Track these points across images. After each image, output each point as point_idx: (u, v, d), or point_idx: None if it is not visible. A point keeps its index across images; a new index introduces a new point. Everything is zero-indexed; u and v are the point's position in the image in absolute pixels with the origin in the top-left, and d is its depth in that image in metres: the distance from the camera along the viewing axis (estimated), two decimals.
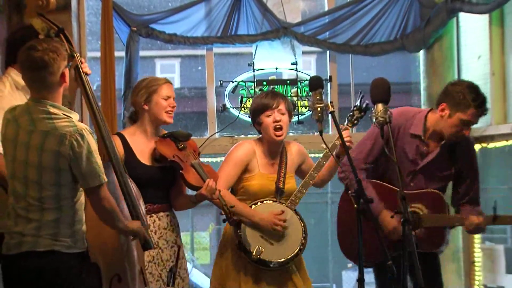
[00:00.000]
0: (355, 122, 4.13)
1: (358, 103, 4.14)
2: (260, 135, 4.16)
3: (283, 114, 4.05)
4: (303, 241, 4.03)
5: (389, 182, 4.03)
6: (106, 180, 3.14)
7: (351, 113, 4.14)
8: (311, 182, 4.06)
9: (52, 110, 3.11)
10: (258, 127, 4.13)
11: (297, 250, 4.01)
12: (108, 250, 3.38)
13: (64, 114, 3.13)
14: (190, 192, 3.95)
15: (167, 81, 4.00)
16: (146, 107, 3.92)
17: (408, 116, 4.04)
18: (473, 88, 3.92)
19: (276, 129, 4.03)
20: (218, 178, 3.89)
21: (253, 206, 4.04)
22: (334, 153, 3.99)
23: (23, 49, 3.15)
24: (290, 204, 4.06)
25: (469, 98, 3.86)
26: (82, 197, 3.19)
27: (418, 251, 3.23)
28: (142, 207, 3.59)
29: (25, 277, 3.10)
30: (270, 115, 4.03)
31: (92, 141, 3.12)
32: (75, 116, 3.17)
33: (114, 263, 3.39)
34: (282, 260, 3.97)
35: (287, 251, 3.99)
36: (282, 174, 4.09)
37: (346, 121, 4.13)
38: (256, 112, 4.09)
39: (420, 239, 3.91)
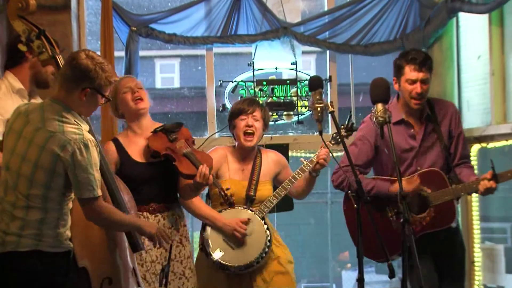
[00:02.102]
0: (339, 140, 4.12)
1: (346, 122, 4.18)
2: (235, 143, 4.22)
3: (256, 120, 4.12)
4: (266, 249, 4.08)
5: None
6: (100, 194, 3.13)
7: (336, 132, 4.15)
8: (282, 193, 4.13)
9: (64, 113, 3.11)
10: (232, 130, 4.19)
11: (257, 256, 4.06)
12: (96, 254, 3.37)
13: (75, 121, 3.12)
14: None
15: (124, 76, 4.07)
16: (120, 111, 3.99)
17: None
18: (405, 52, 4.15)
19: (246, 133, 4.10)
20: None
21: (223, 211, 4.10)
22: (309, 169, 4.09)
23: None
24: (259, 212, 4.11)
25: (402, 59, 4.07)
26: (70, 203, 3.19)
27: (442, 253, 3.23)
28: (133, 213, 3.61)
29: (12, 278, 3.07)
30: (244, 119, 4.10)
31: (95, 154, 3.10)
32: (85, 127, 3.16)
33: (103, 266, 3.37)
34: (239, 265, 4.04)
35: (246, 257, 4.05)
36: (254, 181, 4.14)
37: (331, 139, 4.15)
38: (232, 116, 4.16)
39: (434, 218, 4.01)
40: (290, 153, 5.58)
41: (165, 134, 3.94)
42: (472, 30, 5.65)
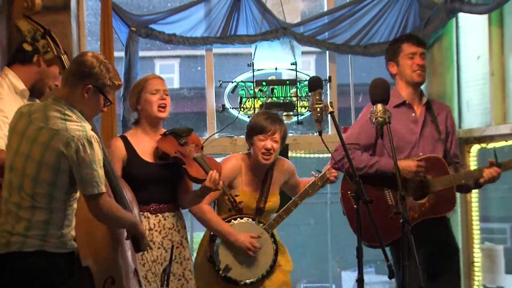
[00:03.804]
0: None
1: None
2: (250, 151, 4.22)
3: (275, 141, 4.11)
4: (272, 264, 4.15)
5: None
6: (104, 190, 3.13)
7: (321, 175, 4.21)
8: (293, 208, 4.18)
9: (67, 111, 3.11)
10: (249, 144, 4.19)
11: (263, 273, 4.13)
12: (100, 253, 3.37)
13: (77, 118, 3.12)
14: (196, 187, 3.96)
15: (155, 76, 4.02)
16: (139, 107, 3.96)
17: None
18: (399, 36, 4.56)
19: (264, 154, 4.10)
20: (221, 169, 3.92)
21: (233, 221, 4.12)
22: (320, 183, 4.16)
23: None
24: (268, 227, 4.16)
25: (398, 41, 4.28)
26: (74, 204, 3.19)
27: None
28: (136, 211, 3.61)
29: (15, 278, 3.07)
30: (263, 140, 4.09)
31: (98, 150, 3.10)
32: (87, 125, 3.16)
33: (106, 266, 3.38)
34: (247, 281, 4.10)
35: (253, 274, 4.12)
36: (264, 193, 4.18)
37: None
38: (252, 131, 4.15)
39: (433, 205, 4.03)
40: (289, 154, 5.58)
41: (175, 137, 3.93)
42: (472, 31, 5.65)
